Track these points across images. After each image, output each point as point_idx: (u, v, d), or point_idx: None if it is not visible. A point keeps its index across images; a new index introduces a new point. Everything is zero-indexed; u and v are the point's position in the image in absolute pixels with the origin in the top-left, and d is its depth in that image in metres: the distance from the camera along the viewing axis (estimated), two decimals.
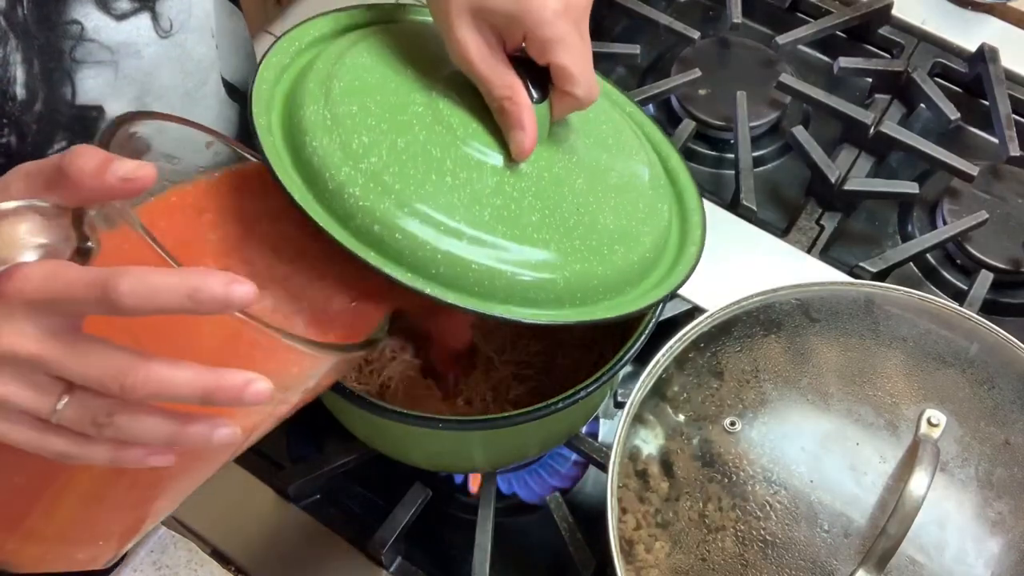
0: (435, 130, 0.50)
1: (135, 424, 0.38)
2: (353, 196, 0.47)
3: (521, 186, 0.50)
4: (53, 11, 0.59)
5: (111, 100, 0.65)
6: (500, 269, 0.48)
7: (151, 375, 0.36)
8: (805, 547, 0.54)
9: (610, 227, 0.53)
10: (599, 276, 0.51)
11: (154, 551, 0.71)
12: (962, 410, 0.59)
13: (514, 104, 0.50)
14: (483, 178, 0.50)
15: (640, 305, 0.52)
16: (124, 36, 0.63)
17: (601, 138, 0.57)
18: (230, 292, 0.35)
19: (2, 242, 0.36)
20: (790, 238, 0.85)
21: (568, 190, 0.52)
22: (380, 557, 0.68)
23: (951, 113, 0.90)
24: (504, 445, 0.65)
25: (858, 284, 0.68)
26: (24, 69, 0.59)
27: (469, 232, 0.48)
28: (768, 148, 0.92)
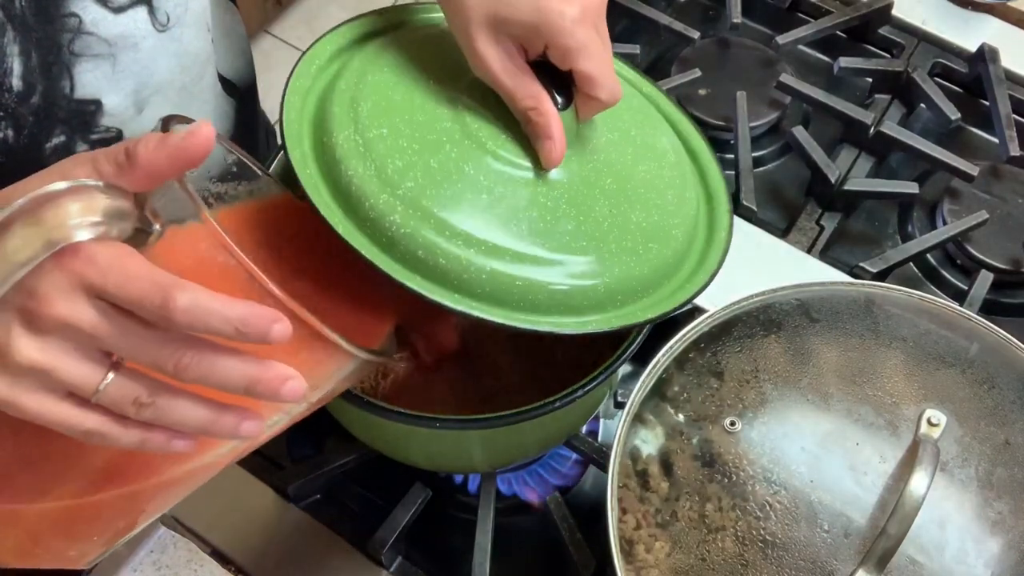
0: (465, 145, 0.50)
1: (174, 407, 0.39)
2: (395, 224, 0.47)
3: (554, 195, 0.51)
4: (51, 4, 0.59)
5: (109, 93, 0.65)
6: (543, 282, 0.49)
7: (204, 357, 0.38)
8: (805, 547, 0.54)
9: (643, 225, 0.53)
10: (637, 276, 0.52)
11: (154, 551, 0.71)
12: (962, 410, 0.59)
13: (540, 114, 0.51)
14: (517, 191, 0.50)
15: (679, 300, 0.53)
16: (122, 29, 0.63)
17: (625, 130, 0.57)
18: (271, 330, 0.37)
19: (56, 221, 0.37)
20: (790, 238, 0.85)
21: (599, 192, 0.53)
22: (380, 557, 0.68)
23: (951, 113, 0.90)
24: (504, 445, 0.65)
25: (858, 284, 0.68)
26: (21, 61, 0.59)
27: (509, 248, 0.48)
28: (768, 148, 0.92)
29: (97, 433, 0.39)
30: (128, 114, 0.68)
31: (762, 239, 0.83)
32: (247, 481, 0.72)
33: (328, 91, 0.53)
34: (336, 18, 0.57)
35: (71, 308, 0.37)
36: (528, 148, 0.51)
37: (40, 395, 0.38)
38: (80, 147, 0.66)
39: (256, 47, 2.14)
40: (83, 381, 0.38)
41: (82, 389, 0.38)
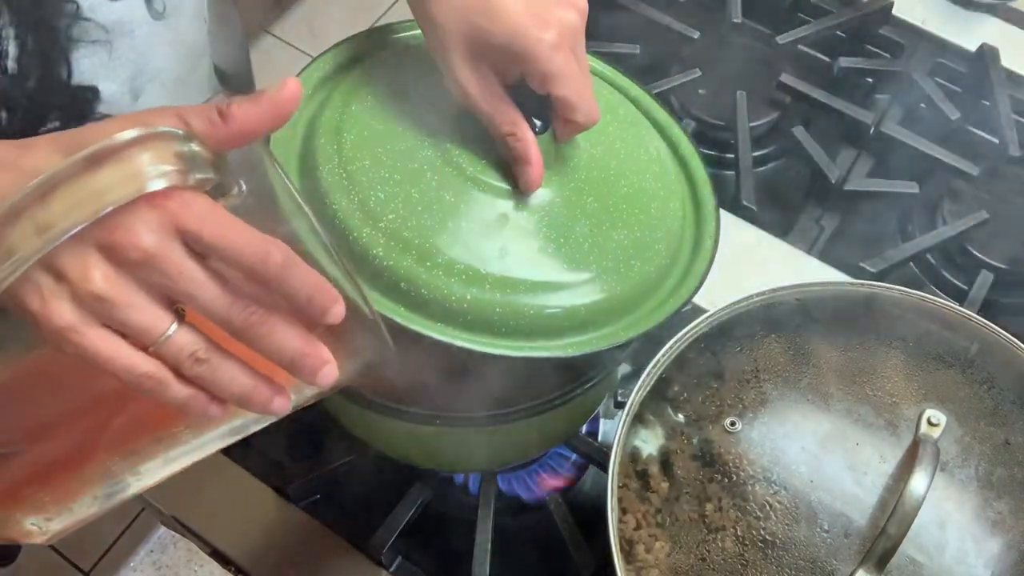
0: (445, 173, 0.51)
1: (225, 369, 0.39)
2: (377, 257, 0.48)
3: (534, 219, 0.52)
4: None
5: (105, 80, 0.65)
6: (523, 307, 0.49)
7: (270, 318, 0.39)
8: (805, 547, 0.54)
9: (625, 243, 0.53)
10: (619, 296, 0.52)
11: (154, 551, 0.71)
12: (962, 410, 0.59)
13: (518, 140, 0.51)
14: (496, 218, 0.51)
15: (659, 318, 0.54)
16: (119, 15, 0.63)
17: (608, 143, 0.57)
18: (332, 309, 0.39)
19: (152, 163, 0.37)
20: (790, 238, 0.85)
21: (580, 212, 0.53)
22: (380, 557, 0.68)
23: (951, 113, 0.90)
24: (503, 443, 0.65)
25: (858, 284, 0.68)
26: (17, 44, 0.59)
27: (489, 275, 0.49)
28: (768, 148, 0.92)
29: (153, 380, 0.38)
30: (124, 102, 0.68)
31: (762, 239, 0.83)
32: (247, 481, 0.72)
33: (313, 122, 0.54)
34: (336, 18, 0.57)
35: (159, 244, 0.37)
36: (508, 172, 0.52)
37: (104, 331, 0.38)
38: None
39: (256, 47, 2.14)
40: (150, 324, 0.38)
41: (147, 333, 0.38)
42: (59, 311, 0.36)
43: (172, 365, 0.39)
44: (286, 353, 0.40)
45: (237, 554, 0.69)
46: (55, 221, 0.35)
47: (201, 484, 0.72)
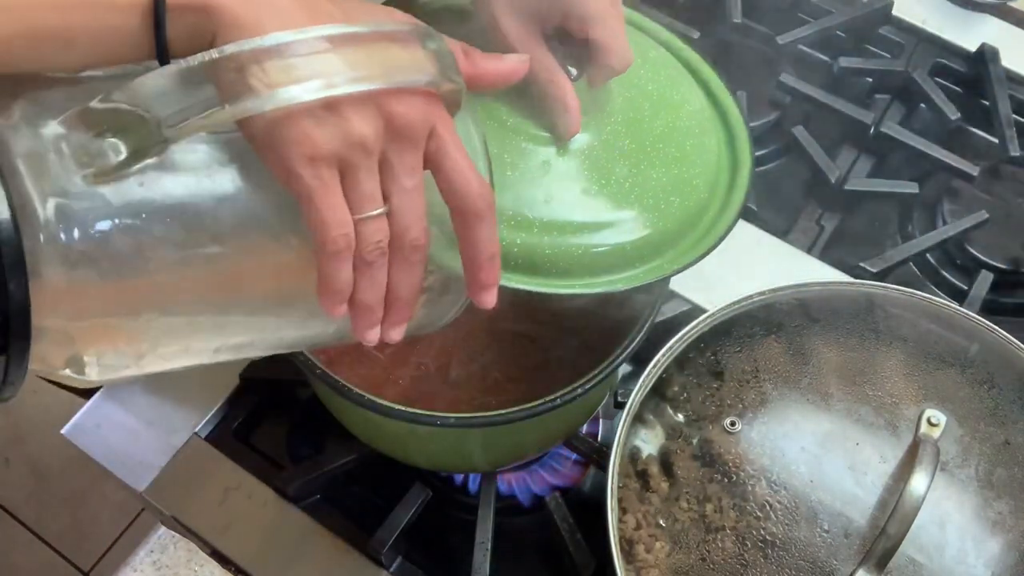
0: (489, 126, 0.52)
1: (382, 276, 0.42)
2: None
3: (575, 164, 0.53)
4: None
5: None
6: (570, 248, 0.51)
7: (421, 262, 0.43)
8: (805, 547, 0.54)
9: (663, 180, 0.55)
10: (661, 231, 0.54)
11: (154, 551, 0.71)
12: (962, 410, 0.59)
13: (556, 87, 0.52)
14: (538, 165, 0.52)
15: (702, 250, 0.56)
16: None
17: (641, 86, 0.58)
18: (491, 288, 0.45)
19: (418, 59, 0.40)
20: (790, 238, 0.85)
21: (618, 154, 0.54)
22: (380, 557, 0.68)
23: (951, 113, 0.90)
24: (504, 444, 0.65)
25: (858, 284, 0.68)
26: None
27: (536, 220, 0.51)
28: (768, 148, 0.92)
29: (341, 243, 0.40)
30: None
31: (762, 239, 0.83)
32: (247, 481, 0.72)
33: None
34: None
35: (420, 130, 0.41)
36: (546, 120, 0.53)
37: (335, 178, 0.40)
38: None
39: None
40: (374, 196, 0.41)
41: (368, 202, 0.40)
42: (322, 139, 0.38)
43: (359, 242, 0.41)
44: (400, 293, 0.42)
45: (237, 554, 0.69)
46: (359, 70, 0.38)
47: (201, 484, 0.72)
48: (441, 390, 0.67)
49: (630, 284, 0.53)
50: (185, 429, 0.74)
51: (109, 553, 1.54)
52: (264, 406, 0.77)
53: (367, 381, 0.67)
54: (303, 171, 0.39)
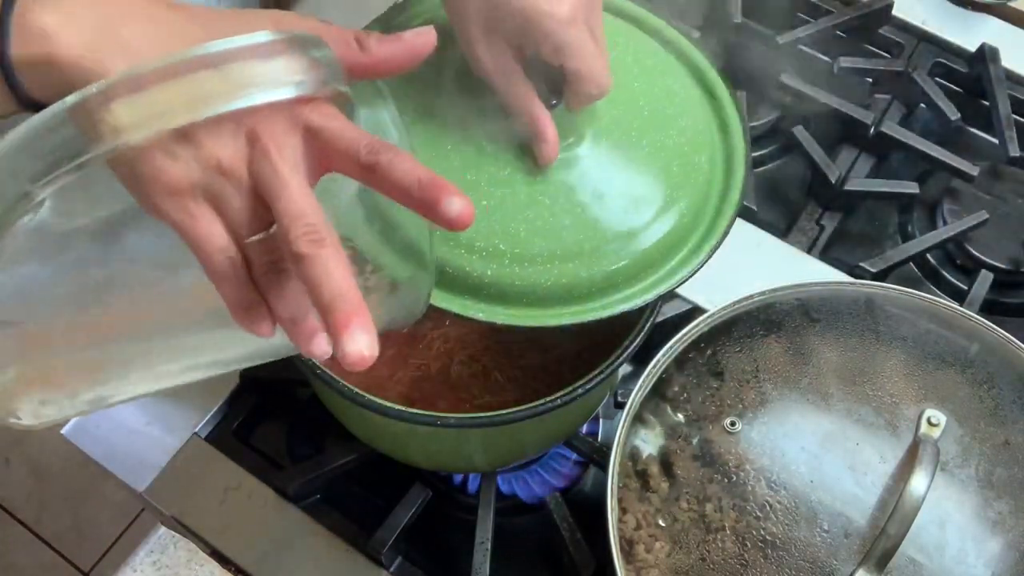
0: (466, 152, 0.52)
1: (295, 289, 0.40)
2: None
3: (552, 192, 0.52)
4: None
5: None
6: (542, 281, 0.51)
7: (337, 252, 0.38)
8: (805, 547, 0.54)
9: (647, 204, 0.54)
10: (639, 259, 0.53)
11: (154, 551, 0.71)
12: (962, 410, 0.59)
13: (533, 117, 0.52)
14: (516, 193, 0.52)
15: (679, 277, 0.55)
16: None
17: (632, 99, 0.57)
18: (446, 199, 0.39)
19: (281, 70, 0.38)
20: (790, 238, 0.85)
21: (600, 177, 0.54)
22: (380, 557, 0.68)
23: (951, 113, 0.90)
24: (504, 444, 0.65)
25: (858, 284, 0.68)
26: None
27: (510, 251, 0.50)
28: (768, 148, 0.92)
29: (232, 266, 0.39)
30: None
31: (762, 239, 0.83)
32: (247, 481, 0.72)
33: None
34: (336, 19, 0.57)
35: (283, 138, 0.39)
36: (527, 147, 0.52)
37: (206, 205, 0.38)
38: None
39: None
40: (252, 217, 0.39)
41: (247, 225, 0.39)
42: (178, 173, 0.37)
43: (250, 263, 0.39)
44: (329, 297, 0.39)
45: (237, 554, 0.69)
46: (207, 97, 0.37)
47: (201, 484, 0.72)
48: (441, 390, 0.67)
49: (600, 314, 0.52)
50: (185, 429, 0.74)
51: (109, 553, 1.54)
52: (264, 406, 0.77)
53: (367, 381, 0.67)
54: (167, 206, 0.38)
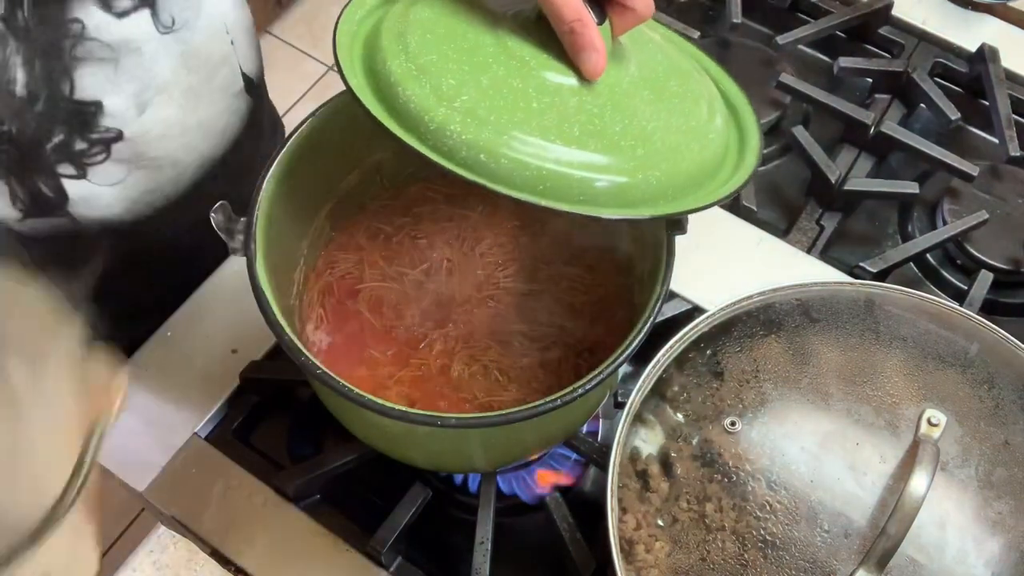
0: (511, 65, 0.53)
1: None
2: (455, 133, 0.50)
3: (600, 102, 0.54)
4: (54, 11, 0.60)
5: (110, 95, 0.65)
6: (595, 177, 0.52)
7: None
8: (805, 547, 0.54)
9: (684, 128, 0.56)
10: (684, 171, 0.55)
11: (154, 551, 0.71)
12: (962, 410, 0.59)
13: (584, 26, 0.53)
14: (565, 100, 0.53)
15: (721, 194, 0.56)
16: (125, 33, 0.63)
17: (650, 55, 0.60)
18: None
19: None
20: (790, 238, 0.85)
21: (639, 100, 0.56)
22: (380, 557, 0.68)
23: (951, 113, 0.90)
24: (504, 444, 0.65)
25: (858, 284, 0.68)
26: (25, 71, 0.60)
27: (565, 149, 0.51)
28: (768, 148, 0.92)
29: None
30: (129, 115, 0.68)
31: (762, 239, 0.83)
32: (247, 481, 0.72)
33: (375, 32, 0.56)
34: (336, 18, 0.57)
35: None
36: (569, 64, 0.54)
37: None
38: (79, 144, 0.66)
39: None
40: None
41: None
42: None
43: None
44: None
45: (237, 554, 0.69)
46: None
47: (200, 484, 0.72)
48: (442, 390, 0.67)
49: (656, 213, 0.53)
50: (185, 429, 0.74)
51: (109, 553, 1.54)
52: (264, 406, 0.77)
53: (367, 381, 0.67)
54: None
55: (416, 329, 0.69)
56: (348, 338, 0.69)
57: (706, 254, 0.80)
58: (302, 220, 0.69)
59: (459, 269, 0.71)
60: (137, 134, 0.69)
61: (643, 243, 0.66)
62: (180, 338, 0.78)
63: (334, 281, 0.71)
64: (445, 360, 0.68)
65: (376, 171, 0.73)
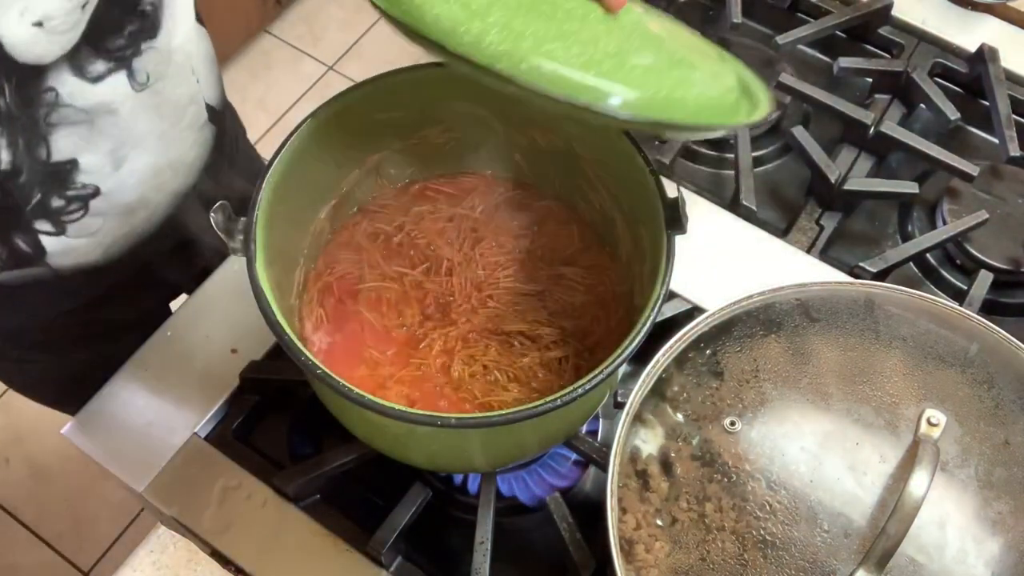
0: None
1: None
2: (492, 43, 0.50)
3: (627, 31, 0.55)
4: (31, 86, 0.60)
5: (86, 153, 0.65)
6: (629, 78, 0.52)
7: None
8: (805, 547, 0.54)
9: (705, 66, 0.58)
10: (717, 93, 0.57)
11: (154, 551, 0.71)
12: (962, 410, 0.59)
13: None
14: (594, 24, 0.54)
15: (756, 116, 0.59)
16: (100, 98, 0.63)
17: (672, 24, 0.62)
18: None
19: None
20: (790, 238, 0.85)
21: (662, 36, 0.57)
22: (380, 557, 0.68)
23: (951, 113, 0.90)
24: (503, 444, 0.65)
25: (858, 284, 0.68)
26: (10, 151, 0.60)
27: (606, 61, 0.52)
28: (768, 148, 0.92)
29: None
30: (106, 171, 0.68)
31: (762, 239, 0.83)
32: (247, 481, 0.72)
33: None
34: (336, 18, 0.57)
35: None
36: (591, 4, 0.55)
37: None
38: (56, 202, 0.67)
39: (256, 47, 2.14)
40: None
41: None
42: None
43: None
44: None
45: (237, 554, 0.69)
46: None
47: (200, 484, 0.72)
48: (441, 390, 0.67)
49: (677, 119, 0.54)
50: (185, 429, 0.74)
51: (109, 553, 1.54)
52: (264, 406, 0.77)
53: (367, 381, 0.67)
54: None
55: (416, 329, 0.69)
56: (348, 338, 0.69)
57: (706, 254, 0.80)
58: (302, 220, 0.69)
59: (459, 269, 0.72)
60: (114, 188, 0.69)
61: (643, 243, 0.66)
62: (180, 338, 0.78)
63: (334, 281, 0.71)
64: (445, 360, 0.68)
65: (376, 171, 0.73)
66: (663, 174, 0.84)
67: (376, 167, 0.73)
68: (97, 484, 1.55)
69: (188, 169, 0.77)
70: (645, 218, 0.64)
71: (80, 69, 0.61)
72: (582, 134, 0.69)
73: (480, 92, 0.69)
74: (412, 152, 0.73)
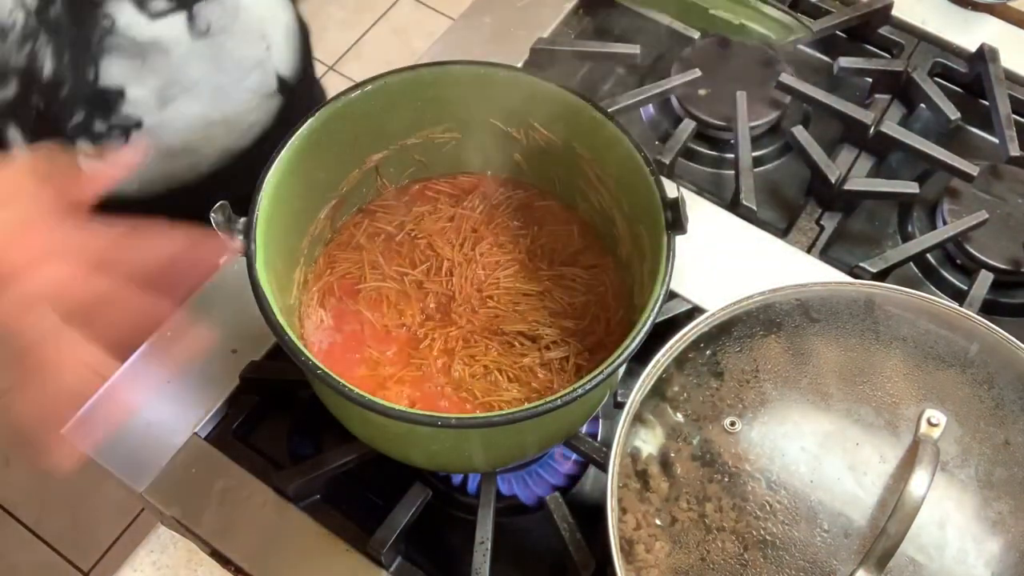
0: None
1: None
2: None
3: None
4: (86, 6, 0.60)
5: (134, 85, 0.65)
6: None
7: None
8: (805, 547, 0.54)
9: None
10: None
11: (154, 551, 0.71)
12: (962, 410, 0.59)
13: None
14: None
15: None
16: (155, 34, 0.64)
17: None
18: None
19: None
20: (790, 238, 0.85)
21: None
22: (380, 557, 0.68)
23: (951, 113, 0.90)
24: (504, 444, 0.65)
25: (858, 284, 0.68)
26: (53, 62, 0.60)
27: None
28: (768, 148, 0.92)
29: None
30: (150, 105, 0.68)
31: (762, 239, 0.83)
32: (247, 481, 0.72)
33: None
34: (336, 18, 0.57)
35: None
36: None
37: None
38: (98, 126, 0.67)
39: None
40: None
41: None
42: None
43: None
44: None
45: (237, 554, 0.69)
46: None
47: (200, 484, 0.72)
48: (442, 390, 0.67)
49: None
50: (185, 429, 0.74)
51: (109, 553, 1.54)
52: (264, 406, 0.77)
53: (367, 381, 0.67)
54: None
55: (416, 329, 0.69)
56: (348, 338, 0.69)
57: (706, 254, 0.80)
58: (302, 220, 0.69)
59: (459, 269, 0.72)
60: (157, 124, 0.69)
61: (643, 243, 0.66)
62: (180, 338, 0.78)
63: (334, 281, 0.71)
64: (445, 360, 0.68)
65: (376, 171, 0.73)
66: (663, 174, 0.84)
67: (376, 167, 0.73)
68: (97, 484, 1.54)
69: (245, 131, 0.77)
70: (645, 218, 0.64)
71: (142, 2, 0.62)
72: (582, 134, 0.69)
73: (480, 92, 0.69)
74: (412, 152, 0.73)
